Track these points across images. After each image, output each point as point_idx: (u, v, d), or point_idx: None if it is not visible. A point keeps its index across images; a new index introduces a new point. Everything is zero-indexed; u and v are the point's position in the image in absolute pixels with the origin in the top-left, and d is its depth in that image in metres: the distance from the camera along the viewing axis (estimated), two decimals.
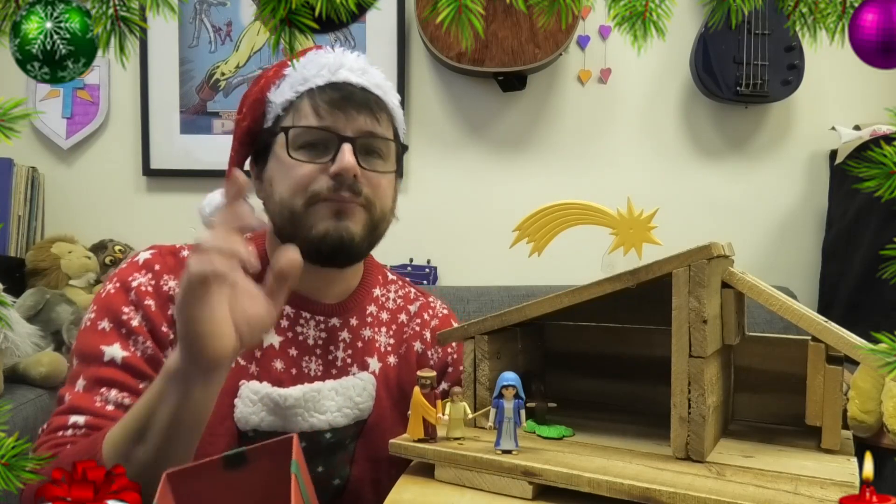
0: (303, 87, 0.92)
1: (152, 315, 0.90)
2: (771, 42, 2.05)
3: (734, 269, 0.72)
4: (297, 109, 0.92)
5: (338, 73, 0.92)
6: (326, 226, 0.89)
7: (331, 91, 0.91)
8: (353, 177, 0.89)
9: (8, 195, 1.99)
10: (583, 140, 2.23)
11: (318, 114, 0.90)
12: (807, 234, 2.25)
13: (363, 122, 0.91)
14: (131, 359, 0.87)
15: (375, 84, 0.94)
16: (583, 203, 0.76)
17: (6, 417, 0.53)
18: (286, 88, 0.93)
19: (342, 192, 0.89)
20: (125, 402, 0.86)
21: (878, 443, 1.39)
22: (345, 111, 0.90)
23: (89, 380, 0.86)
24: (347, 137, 0.90)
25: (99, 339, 0.88)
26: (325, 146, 0.91)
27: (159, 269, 0.93)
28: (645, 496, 0.59)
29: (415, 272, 2.09)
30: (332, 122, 0.90)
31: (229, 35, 2.17)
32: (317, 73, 0.92)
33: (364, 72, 0.94)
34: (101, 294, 0.92)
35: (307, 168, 0.90)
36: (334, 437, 0.94)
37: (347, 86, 0.91)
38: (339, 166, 0.88)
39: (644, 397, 0.86)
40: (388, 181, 0.95)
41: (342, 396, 0.94)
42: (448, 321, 1.08)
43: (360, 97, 0.91)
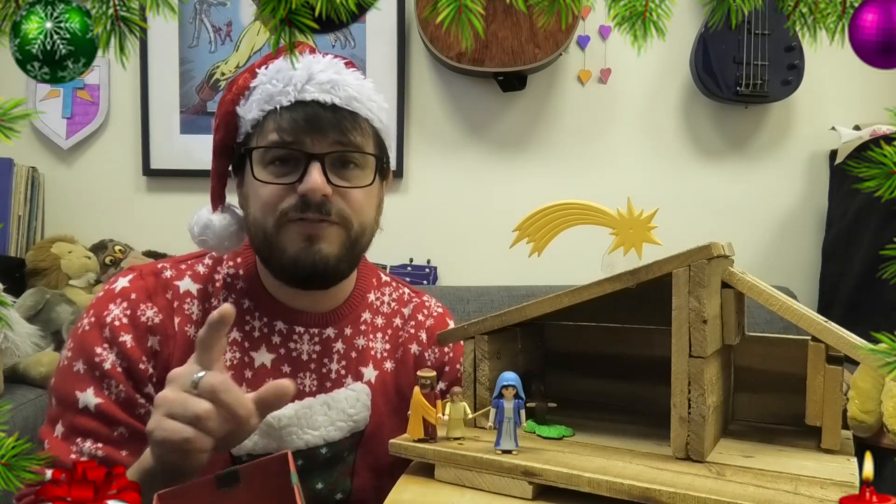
0: (268, 105, 0.87)
1: (128, 352, 0.87)
2: (771, 42, 2.05)
3: (734, 269, 0.72)
4: (261, 129, 0.88)
5: (304, 91, 0.86)
6: (297, 250, 0.87)
7: (296, 111, 0.86)
8: (321, 197, 0.86)
9: (8, 195, 1.99)
10: (583, 140, 2.23)
11: (282, 137, 0.86)
12: (807, 234, 2.25)
13: (333, 137, 0.87)
14: (104, 406, 0.86)
15: (349, 97, 0.88)
16: (583, 203, 0.76)
17: (6, 417, 0.53)
18: (253, 105, 0.89)
19: (309, 213, 0.86)
20: (98, 453, 0.85)
21: (878, 443, 1.39)
22: (309, 132, 0.86)
23: (67, 427, 0.86)
24: (315, 155, 0.86)
25: (73, 382, 0.87)
26: (294, 163, 0.87)
27: (136, 297, 0.90)
28: (645, 496, 0.59)
29: (415, 272, 2.09)
30: (299, 143, 0.86)
31: (229, 35, 2.17)
32: (282, 90, 0.86)
33: (334, 85, 0.87)
34: (78, 330, 0.90)
35: (274, 187, 0.87)
36: (330, 452, 0.93)
37: (315, 105, 0.86)
38: (306, 187, 0.85)
39: (644, 397, 0.86)
40: (367, 193, 0.91)
41: (334, 410, 0.92)
42: (443, 319, 1.08)
43: (327, 119, 0.86)
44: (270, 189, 0.87)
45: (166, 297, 0.91)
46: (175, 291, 0.92)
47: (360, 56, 2.15)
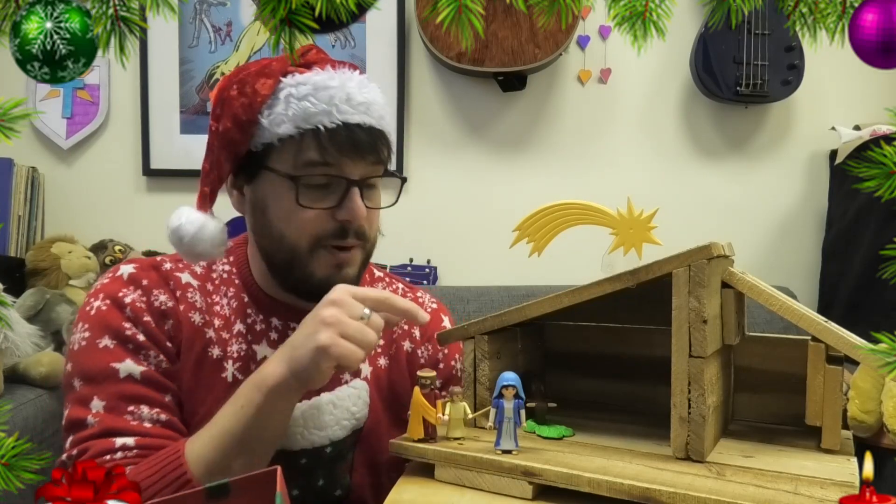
0: (306, 124, 0.86)
1: (154, 331, 0.88)
2: (771, 42, 2.05)
3: (734, 269, 0.72)
4: (300, 149, 0.86)
5: (344, 112, 0.86)
6: (327, 276, 0.89)
7: (338, 134, 0.86)
8: (361, 224, 0.88)
9: (8, 195, 1.99)
10: (583, 140, 2.23)
11: (325, 159, 0.86)
12: (807, 234, 2.25)
13: (369, 159, 0.89)
14: (149, 373, 0.86)
15: (379, 116, 0.90)
16: (583, 203, 0.76)
17: (6, 417, 0.53)
18: (283, 118, 0.86)
19: (349, 239, 0.88)
20: (161, 417, 0.85)
21: (878, 443, 1.39)
22: (351, 156, 0.87)
23: (110, 398, 0.84)
24: (355, 182, 0.88)
25: (105, 356, 0.85)
26: (331, 188, 0.88)
27: (147, 284, 0.90)
28: (645, 496, 0.60)
29: (415, 272, 2.09)
30: (340, 166, 0.87)
31: (229, 35, 2.17)
32: (321, 110, 0.85)
33: (368, 107, 0.88)
34: (89, 311, 0.88)
35: (313, 213, 0.87)
36: (335, 451, 0.93)
37: (355, 128, 0.87)
38: (351, 215, 0.87)
39: (644, 397, 0.86)
40: (379, 209, 0.94)
41: (340, 409, 0.92)
42: (437, 315, 1.08)
43: (366, 140, 0.88)
44: (308, 215, 0.87)
45: (170, 287, 0.91)
46: (177, 282, 0.92)
47: (360, 56, 2.15)
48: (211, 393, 0.89)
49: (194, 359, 0.90)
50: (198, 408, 0.89)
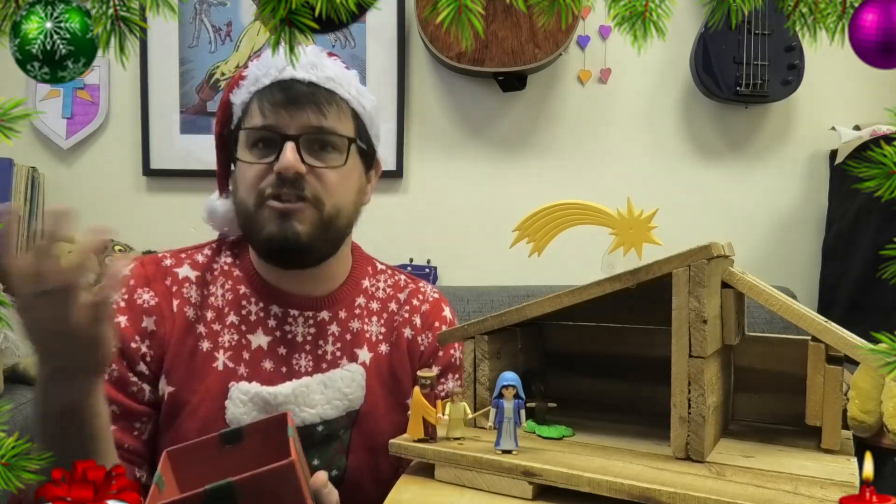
0: (254, 87, 0.93)
1: (121, 332, 0.92)
2: (771, 42, 2.05)
3: (734, 269, 0.72)
4: (248, 111, 0.94)
5: (284, 70, 0.91)
6: (271, 228, 0.91)
7: (276, 90, 0.91)
8: (295, 175, 0.90)
9: (8, 195, 1.99)
10: (583, 140, 2.23)
11: (264, 114, 0.91)
12: (807, 234, 2.25)
13: (308, 117, 0.91)
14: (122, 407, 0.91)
15: (327, 77, 0.93)
16: (583, 203, 0.76)
17: (6, 417, 0.53)
18: (243, 90, 0.94)
19: (284, 189, 0.90)
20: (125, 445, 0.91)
21: (878, 443, 1.39)
22: (288, 109, 0.90)
23: None
24: (290, 136, 0.90)
25: None
26: (272, 145, 0.91)
27: (133, 283, 0.95)
28: (645, 496, 0.60)
29: (415, 272, 2.08)
30: (276, 120, 0.91)
31: (229, 35, 2.17)
32: (265, 72, 0.92)
33: (313, 66, 0.92)
34: None
35: (255, 168, 0.92)
36: (327, 429, 0.95)
37: (294, 83, 0.91)
38: (280, 165, 0.89)
39: (644, 397, 0.86)
40: (343, 175, 0.94)
41: (331, 389, 0.95)
42: (439, 304, 1.10)
43: (304, 94, 0.91)
44: (251, 169, 0.93)
45: (165, 283, 0.97)
46: (174, 278, 0.97)
47: (360, 56, 2.15)
48: (202, 382, 0.93)
49: (187, 350, 0.94)
50: (190, 397, 0.93)
